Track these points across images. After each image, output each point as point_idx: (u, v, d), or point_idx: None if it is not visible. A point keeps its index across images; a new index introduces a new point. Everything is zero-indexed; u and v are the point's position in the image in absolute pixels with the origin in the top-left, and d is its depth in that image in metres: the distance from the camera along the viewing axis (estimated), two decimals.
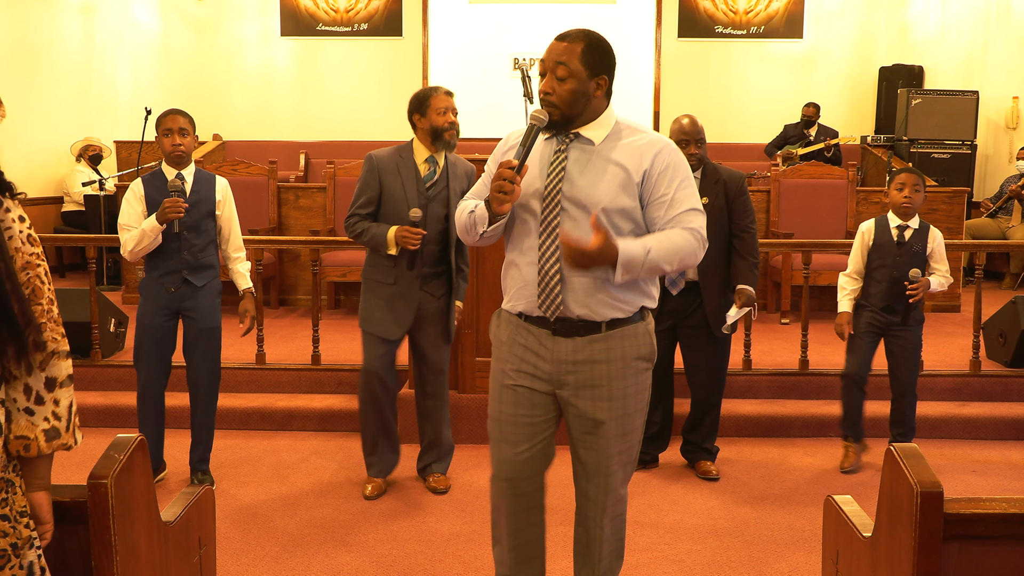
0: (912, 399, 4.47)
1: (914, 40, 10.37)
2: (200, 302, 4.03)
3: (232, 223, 4.13)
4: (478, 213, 2.51)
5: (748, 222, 4.23)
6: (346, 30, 10.74)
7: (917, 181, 4.34)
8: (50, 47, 9.02)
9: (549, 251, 2.45)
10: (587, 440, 2.55)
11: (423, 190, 3.90)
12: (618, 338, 2.50)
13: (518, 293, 2.54)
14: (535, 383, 2.54)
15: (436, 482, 4.12)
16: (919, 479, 1.80)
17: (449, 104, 3.90)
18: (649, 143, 2.48)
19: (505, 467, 2.59)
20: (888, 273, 4.31)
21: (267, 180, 7.39)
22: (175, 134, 3.96)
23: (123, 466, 1.92)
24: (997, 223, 8.59)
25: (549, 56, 2.48)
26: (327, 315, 6.84)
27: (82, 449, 4.56)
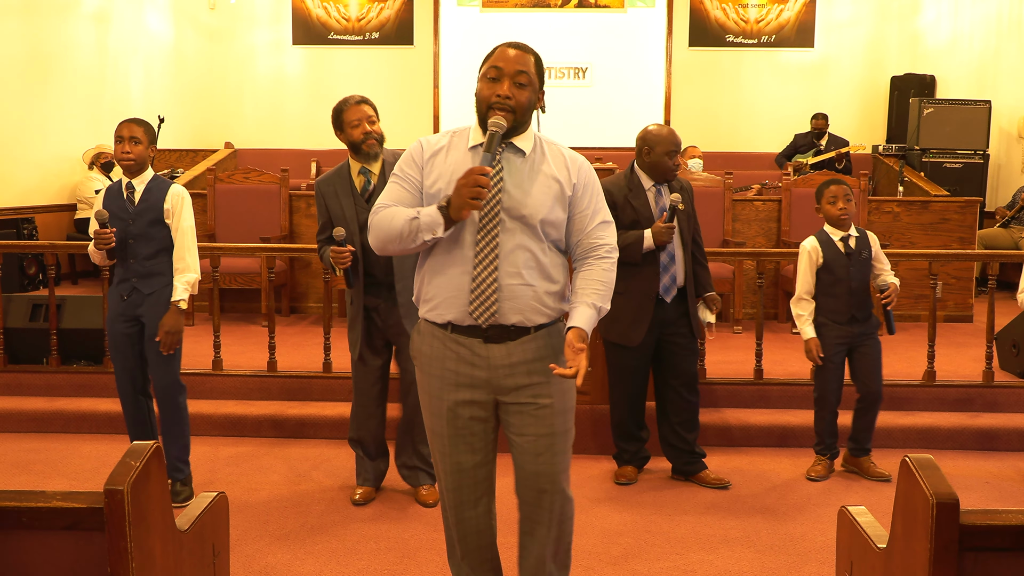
0: (879, 407, 4.48)
1: (926, 49, 10.36)
2: (151, 309, 3.99)
3: (179, 232, 4.03)
4: (426, 220, 2.44)
5: (698, 227, 4.40)
6: (357, 39, 10.78)
7: (847, 191, 4.39)
8: (64, 55, 9.08)
9: (487, 260, 2.46)
10: (529, 424, 2.55)
11: (362, 204, 3.92)
12: (546, 336, 2.57)
13: (447, 302, 2.52)
14: (473, 393, 2.56)
15: (426, 496, 4.11)
16: (935, 490, 1.79)
17: (362, 114, 3.92)
18: (572, 157, 2.59)
19: (451, 476, 2.63)
20: (845, 286, 4.33)
21: (279, 188, 7.41)
22: (125, 142, 3.96)
23: (139, 473, 1.92)
24: (1010, 233, 8.55)
25: (508, 62, 2.50)
26: (338, 323, 6.84)
27: (97, 455, 4.59)
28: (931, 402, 5.13)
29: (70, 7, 9.15)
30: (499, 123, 2.45)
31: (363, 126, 3.90)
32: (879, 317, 4.39)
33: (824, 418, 4.49)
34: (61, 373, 5.34)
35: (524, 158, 2.54)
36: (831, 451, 4.53)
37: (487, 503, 2.70)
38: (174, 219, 4.04)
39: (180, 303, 3.99)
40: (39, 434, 5.02)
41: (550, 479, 2.59)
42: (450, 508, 2.69)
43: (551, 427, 2.57)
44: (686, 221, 4.24)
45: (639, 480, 4.42)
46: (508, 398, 2.56)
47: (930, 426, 4.94)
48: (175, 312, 3.99)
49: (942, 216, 7.22)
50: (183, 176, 8.70)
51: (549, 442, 2.57)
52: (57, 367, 5.35)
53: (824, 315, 4.40)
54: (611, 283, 2.56)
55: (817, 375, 4.49)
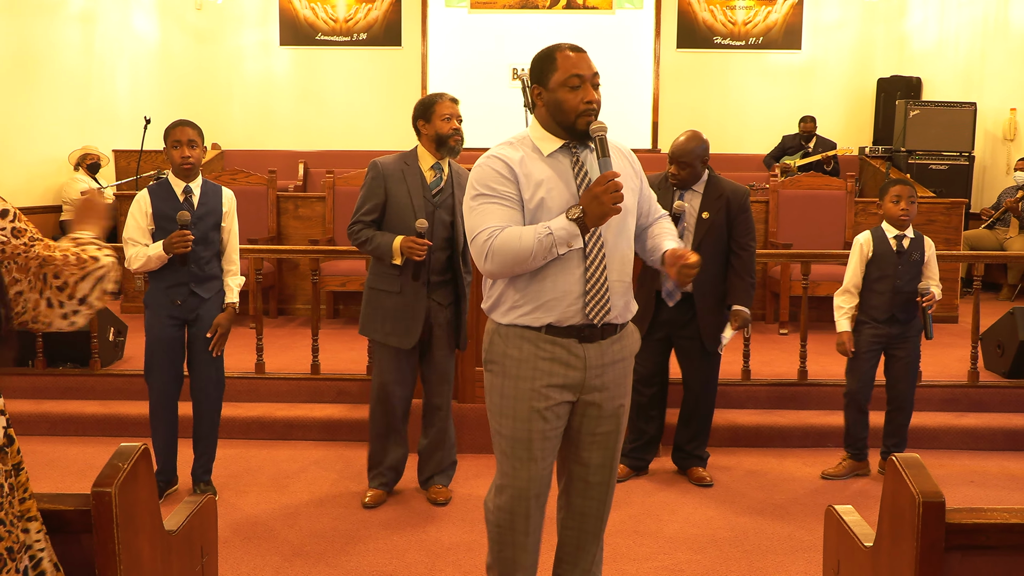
0: (910, 410, 4.48)
1: (912, 52, 10.42)
2: (206, 312, 4.03)
3: (232, 235, 4.12)
4: (561, 234, 2.42)
5: (748, 239, 4.22)
6: (345, 39, 10.77)
7: (912, 193, 4.35)
8: (50, 56, 9.04)
9: (598, 259, 2.50)
10: (599, 439, 2.63)
11: (429, 197, 3.88)
12: (628, 336, 2.66)
13: (548, 305, 2.51)
14: (564, 394, 2.57)
15: (437, 494, 4.11)
16: (921, 489, 1.80)
17: (454, 111, 3.90)
18: (625, 149, 2.70)
19: (535, 484, 2.61)
20: (891, 283, 4.31)
21: (266, 189, 7.40)
22: (184, 146, 3.96)
23: (127, 475, 1.92)
24: (995, 234, 8.61)
25: (587, 67, 2.52)
26: (326, 324, 6.84)
27: (84, 458, 4.58)
28: (917, 402, 5.07)
29: (56, 8, 9.11)
30: (603, 127, 2.47)
31: (453, 122, 3.88)
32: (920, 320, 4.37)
33: (851, 416, 4.48)
34: (47, 376, 5.32)
35: (592, 153, 2.55)
36: (858, 451, 4.49)
37: (545, 500, 2.70)
38: (229, 222, 4.09)
39: (235, 305, 4.09)
40: (25, 437, 4.93)
41: (609, 472, 2.70)
42: (522, 517, 2.63)
43: (620, 424, 2.68)
44: (706, 231, 4.13)
45: (629, 480, 4.42)
46: (592, 397, 2.60)
47: (916, 426, 4.91)
48: (231, 313, 4.09)
49: (928, 217, 7.25)
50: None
51: (616, 438, 2.67)
52: (43, 369, 5.32)
53: (865, 312, 4.39)
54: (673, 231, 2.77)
55: (849, 372, 4.48)
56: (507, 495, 2.62)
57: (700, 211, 4.16)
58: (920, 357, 4.49)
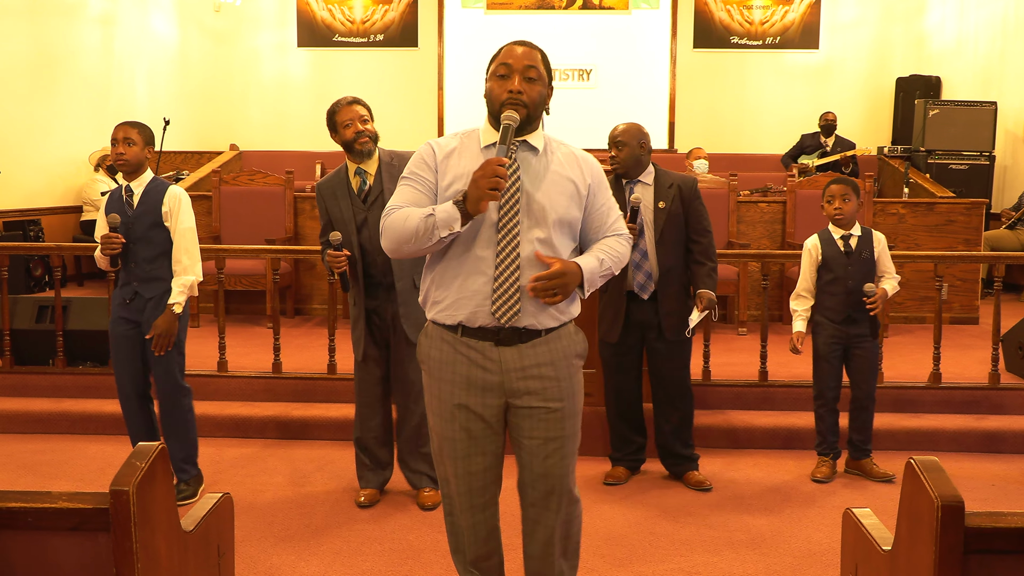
0: (872, 407, 4.50)
1: (931, 50, 10.35)
2: (152, 312, 3.99)
3: (178, 234, 4.02)
4: (442, 216, 2.41)
5: (705, 226, 4.26)
6: (362, 41, 10.80)
7: (845, 191, 4.35)
8: (69, 58, 9.11)
9: (509, 259, 2.45)
10: (539, 427, 2.55)
11: (359, 204, 3.92)
12: (555, 339, 2.57)
13: (459, 303, 2.50)
14: (486, 396, 2.55)
15: (426, 499, 4.09)
16: (940, 492, 1.79)
17: (353, 114, 3.91)
18: (581, 156, 2.61)
19: (463, 481, 2.61)
20: (843, 285, 4.34)
21: (283, 190, 7.42)
22: (119, 143, 3.97)
23: (144, 474, 1.93)
24: (1016, 235, 8.53)
25: (516, 59, 2.51)
26: (343, 324, 6.84)
27: (102, 456, 4.60)
28: (936, 404, 5.12)
29: (76, 10, 9.18)
30: (512, 116, 2.45)
31: (355, 125, 3.90)
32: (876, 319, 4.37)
33: (823, 416, 4.51)
34: (67, 374, 5.35)
35: (538, 156, 2.54)
36: (833, 450, 4.53)
37: (495, 507, 2.70)
38: (172, 220, 4.02)
39: (175, 306, 3.97)
40: (45, 435, 5.03)
41: (559, 480, 2.59)
42: (460, 512, 2.67)
43: (561, 430, 2.57)
44: (664, 220, 4.16)
45: (643, 481, 4.42)
46: (519, 401, 2.55)
47: (935, 428, 4.92)
48: (168, 314, 3.97)
49: (948, 218, 7.21)
50: (188, 178, 8.71)
51: (559, 445, 2.57)
52: (63, 368, 5.36)
53: (821, 313, 4.43)
54: (621, 254, 2.61)
55: (814, 372, 4.52)
56: (444, 493, 2.68)
57: (655, 202, 4.18)
58: (880, 355, 4.51)
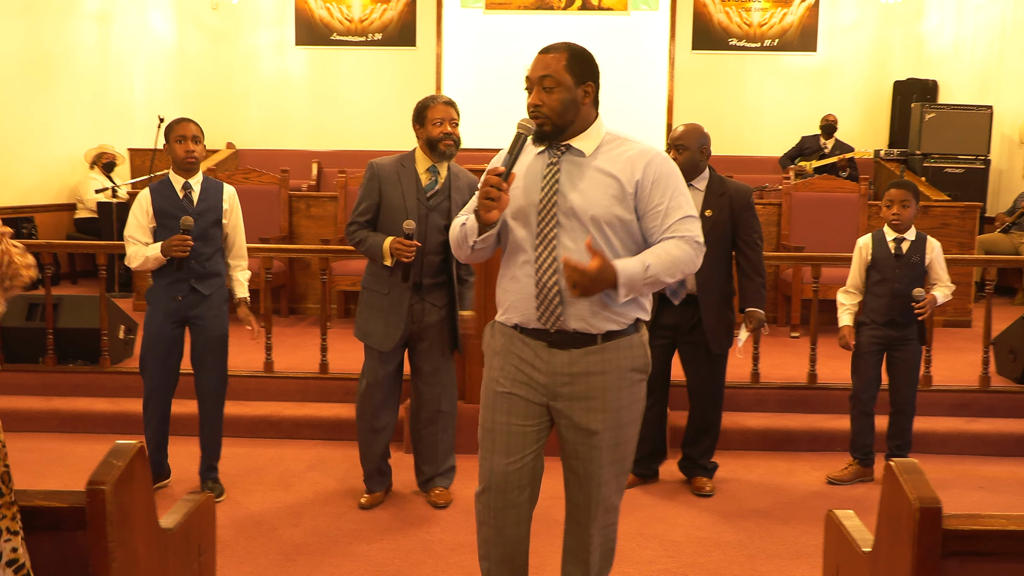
0: (912, 412, 4.45)
1: (929, 54, 10.35)
2: (207, 310, 4.04)
3: (237, 231, 4.15)
4: (469, 225, 2.53)
5: (755, 238, 4.16)
6: (360, 40, 10.79)
7: (905, 196, 4.31)
8: (66, 55, 9.10)
9: (546, 264, 2.46)
10: (580, 450, 2.55)
11: (423, 200, 3.88)
12: (613, 350, 2.51)
13: (514, 306, 2.54)
14: (529, 393, 2.54)
15: (438, 497, 4.09)
16: (918, 495, 1.78)
17: (447, 115, 3.87)
18: (640, 153, 2.50)
19: (497, 478, 2.58)
20: (889, 287, 4.30)
21: (279, 189, 7.42)
22: (188, 141, 3.98)
23: (122, 473, 1.92)
24: (1010, 238, 8.53)
25: (534, 70, 2.51)
26: (337, 324, 6.84)
27: (92, 455, 4.59)
28: (927, 407, 5.09)
29: (73, 7, 9.18)
30: (525, 126, 2.47)
31: (445, 126, 3.86)
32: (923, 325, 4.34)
33: (856, 419, 4.46)
34: (57, 373, 5.34)
35: (584, 158, 2.51)
36: (864, 456, 4.47)
37: (526, 512, 2.65)
38: (231, 218, 4.11)
39: (246, 299, 4.17)
40: (34, 434, 5.01)
41: (596, 490, 2.57)
42: (491, 510, 2.62)
43: (599, 440, 2.53)
44: (710, 229, 3.96)
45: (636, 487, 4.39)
46: (560, 405, 2.53)
47: (926, 430, 4.91)
48: (246, 307, 4.17)
49: (942, 221, 7.21)
50: None
51: (598, 453, 2.55)
52: (53, 367, 5.35)
53: (865, 314, 4.40)
54: (677, 258, 2.44)
55: (853, 373, 4.47)
56: (480, 487, 2.64)
57: (703, 209, 4.08)
58: (921, 359, 4.46)
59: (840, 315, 4.44)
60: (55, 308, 5.38)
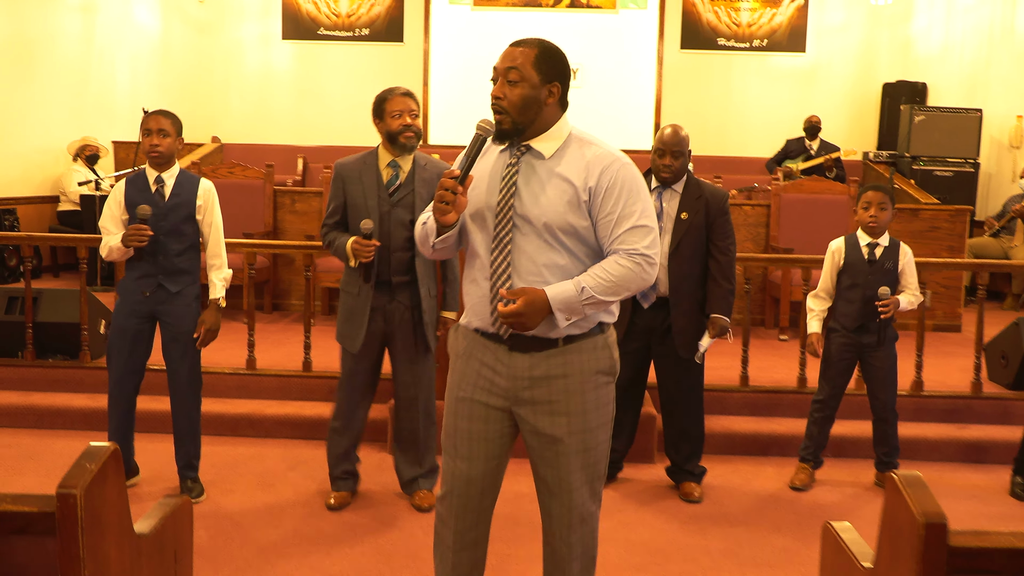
0: (894, 419, 4.39)
1: (917, 56, 10.34)
2: (175, 307, 3.93)
3: (213, 228, 4.01)
4: (429, 225, 2.48)
5: (728, 243, 4.10)
6: (347, 35, 10.69)
7: (883, 199, 4.26)
8: (49, 46, 8.96)
9: (501, 268, 2.38)
10: (547, 456, 2.47)
11: (385, 196, 3.80)
12: (575, 352, 2.43)
13: (473, 309, 2.47)
14: (490, 398, 2.47)
15: (421, 500, 4.01)
16: (923, 510, 1.72)
17: (406, 106, 3.80)
18: (597, 157, 2.40)
19: (458, 483, 2.52)
20: (861, 292, 4.24)
21: (264, 183, 7.32)
22: (154, 134, 3.89)
23: (95, 476, 1.83)
24: (999, 243, 8.52)
25: (501, 62, 2.43)
26: (320, 321, 6.74)
27: (69, 452, 4.49)
28: (918, 412, 5.07)
29: None
30: (483, 127, 2.39)
31: (404, 118, 3.78)
32: (894, 329, 4.29)
33: (817, 421, 4.41)
34: (36, 367, 5.24)
35: (543, 160, 2.42)
36: (815, 459, 4.46)
37: (489, 513, 2.59)
38: (205, 214, 3.99)
39: (220, 300, 3.98)
40: (12, 429, 4.91)
41: (570, 496, 2.48)
42: (453, 515, 2.55)
43: (566, 447, 2.45)
44: (685, 232, 4.01)
45: (619, 488, 4.34)
46: (523, 411, 2.46)
47: (916, 437, 4.87)
48: (215, 310, 3.98)
49: (932, 224, 7.17)
50: None
51: (566, 459, 2.46)
52: (32, 361, 5.25)
53: (836, 319, 4.34)
54: (619, 277, 2.34)
55: (821, 378, 4.41)
56: (442, 491, 2.57)
57: (679, 212, 4.04)
58: (897, 364, 4.38)
59: (808, 321, 4.38)
60: (35, 302, 5.27)
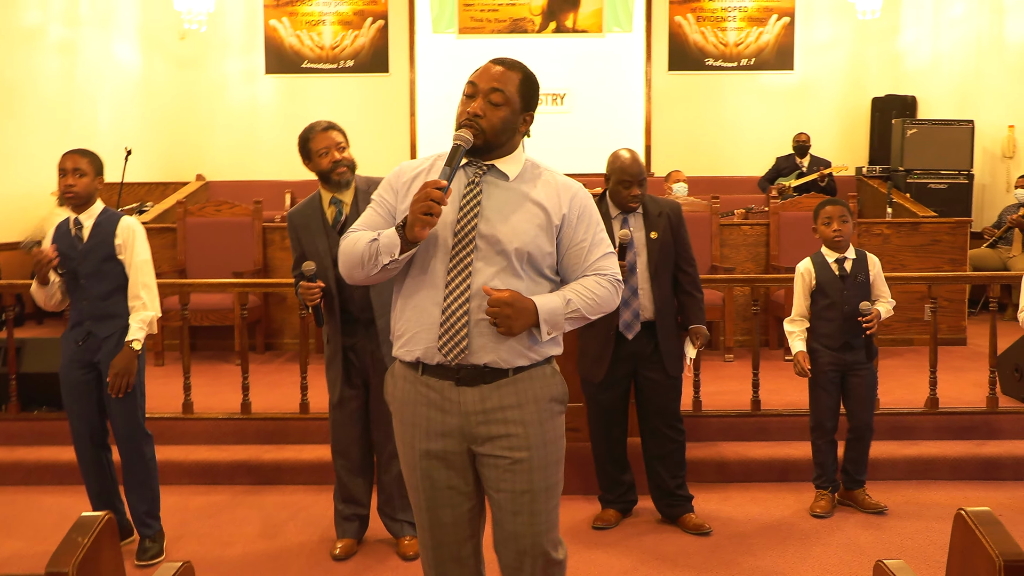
0: (870, 436, 4.30)
1: (906, 70, 10.29)
2: (108, 354, 3.72)
3: (133, 268, 3.75)
4: (384, 242, 2.26)
5: (691, 254, 4.09)
6: (332, 67, 10.59)
7: (843, 212, 4.20)
8: (28, 86, 8.81)
9: (458, 291, 2.24)
10: (505, 479, 2.30)
11: (335, 237, 3.65)
12: (526, 380, 2.31)
13: (416, 337, 2.29)
14: (446, 443, 2.31)
15: (406, 548, 3.80)
16: (1001, 550, 1.57)
17: (330, 142, 3.68)
18: (565, 185, 2.38)
19: (432, 536, 2.38)
20: (839, 310, 4.15)
21: (252, 220, 7.17)
22: (69, 174, 3.73)
23: (87, 552, 1.67)
24: (998, 253, 8.43)
25: (483, 78, 2.31)
26: (315, 360, 6.56)
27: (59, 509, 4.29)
28: (934, 431, 4.93)
29: (35, 37, 8.90)
30: (463, 136, 2.26)
31: (332, 154, 3.65)
32: (874, 345, 4.22)
33: (821, 448, 4.30)
34: (21, 420, 5.04)
35: (508, 182, 2.33)
36: (832, 483, 4.32)
37: (474, 561, 2.44)
38: (127, 254, 3.75)
39: (134, 343, 3.70)
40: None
41: (531, 540, 2.32)
42: (432, 566, 2.42)
43: (529, 483, 2.30)
44: (658, 251, 3.96)
45: (636, 524, 4.17)
46: (482, 448, 2.31)
47: (934, 456, 4.74)
48: (127, 353, 3.70)
49: (932, 238, 7.08)
50: (153, 210, 8.43)
51: (528, 499, 2.31)
52: (16, 414, 5.04)
53: (817, 340, 4.23)
54: (599, 296, 2.34)
55: (811, 401, 4.32)
56: (420, 544, 2.44)
57: (647, 232, 3.98)
58: (877, 381, 4.33)
59: (792, 342, 4.28)
60: (18, 352, 5.09)
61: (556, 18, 10.50)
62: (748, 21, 10.45)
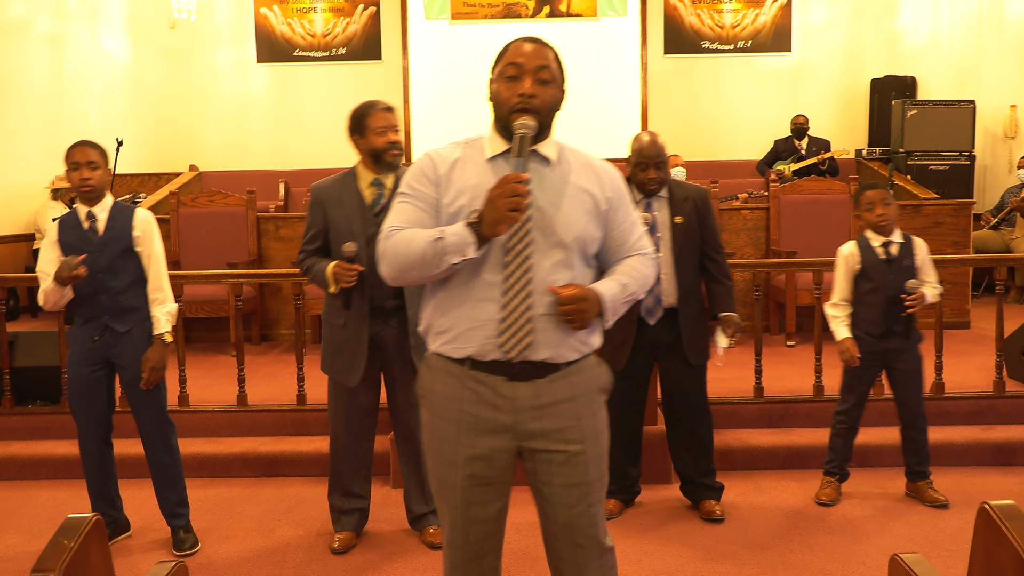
0: (924, 425, 4.18)
1: (905, 50, 10.20)
2: (128, 349, 3.65)
3: (153, 260, 3.70)
4: (453, 240, 2.11)
5: (719, 241, 4.01)
6: (324, 55, 10.49)
7: (885, 195, 4.07)
8: (17, 79, 8.70)
9: (518, 286, 2.14)
10: (559, 473, 2.23)
11: (370, 217, 3.55)
12: (577, 372, 2.24)
13: (466, 334, 2.18)
14: (496, 440, 2.21)
15: (432, 536, 3.76)
16: None
17: (389, 122, 3.58)
18: (602, 167, 2.32)
19: (459, 535, 2.28)
20: (883, 295, 4.03)
21: (245, 211, 7.08)
22: (83, 167, 3.60)
23: (74, 555, 1.60)
24: (1000, 235, 8.37)
25: (528, 58, 2.20)
26: (312, 350, 6.46)
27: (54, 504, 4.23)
28: (940, 416, 4.85)
29: (23, 29, 8.78)
30: (527, 124, 2.15)
31: (388, 135, 3.55)
32: (918, 331, 4.10)
33: (840, 433, 4.21)
34: (15, 415, 4.97)
35: (551, 168, 2.23)
36: (841, 472, 4.24)
37: (495, 558, 2.36)
38: (145, 246, 3.69)
39: (165, 336, 3.67)
40: None
41: (586, 533, 2.26)
42: (459, 564, 2.33)
43: (585, 475, 2.24)
44: (683, 236, 3.90)
45: (638, 514, 4.11)
46: (535, 444, 2.22)
47: (941, 441, 4.65)
48: (160, 346, 3.67)
49: (935, 220, 7.00)
50: (145, 201, 8.35)
51: (583, 491, 2.24)
52: (11, 408, 4.98)
53: (858, 326, 4.11)
54: (645, 276, 2.33)
55: (843, 387, 4.20)
56: (444, 542, 2.34)
57: (672, 216, 3.90)
58: (923, 366, 4.18)
59: (836, 328, 4.13)
60: (11, 346, 5.01)
61: (550, 2, 10.39)
62: (744, 3, 10.36)
